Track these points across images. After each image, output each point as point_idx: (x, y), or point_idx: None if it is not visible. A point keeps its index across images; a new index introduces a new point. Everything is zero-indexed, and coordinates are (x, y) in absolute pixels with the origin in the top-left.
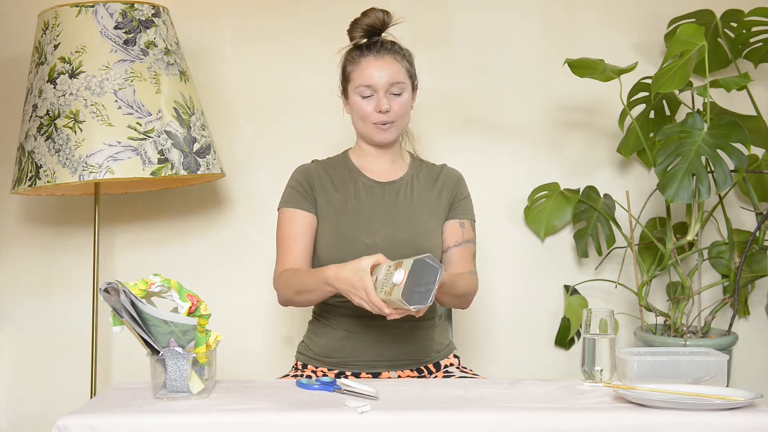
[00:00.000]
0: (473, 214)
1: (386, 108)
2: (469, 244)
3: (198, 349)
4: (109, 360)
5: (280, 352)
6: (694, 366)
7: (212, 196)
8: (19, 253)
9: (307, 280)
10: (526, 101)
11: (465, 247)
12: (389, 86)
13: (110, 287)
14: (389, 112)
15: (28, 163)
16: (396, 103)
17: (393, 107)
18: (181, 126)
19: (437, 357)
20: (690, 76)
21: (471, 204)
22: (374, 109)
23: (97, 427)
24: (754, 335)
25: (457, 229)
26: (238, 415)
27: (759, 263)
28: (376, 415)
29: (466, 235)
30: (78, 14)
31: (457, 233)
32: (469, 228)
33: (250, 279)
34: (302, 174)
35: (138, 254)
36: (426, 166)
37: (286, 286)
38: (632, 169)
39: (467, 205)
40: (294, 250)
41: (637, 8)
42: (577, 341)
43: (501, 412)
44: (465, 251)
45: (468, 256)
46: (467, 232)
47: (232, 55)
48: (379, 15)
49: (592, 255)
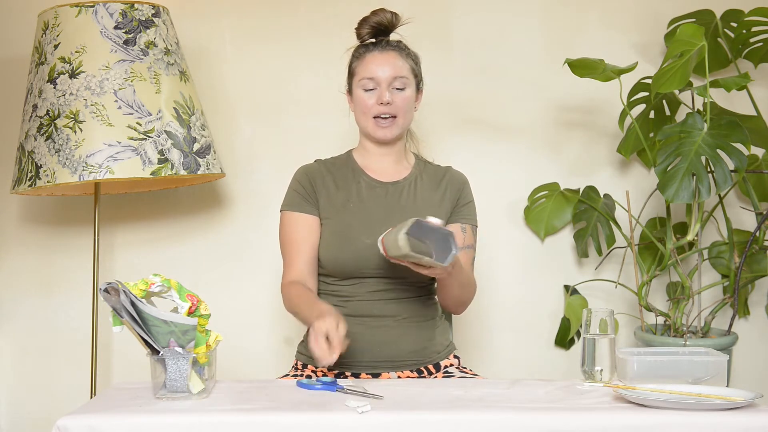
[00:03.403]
0: (476, 219)
1: (387, 100)
2: (469, 249)
3: (198, 349)
4: (109, 360)
5: (280, 352)
6: (694, 366)
7: (212, 196)
8: (19, 253)
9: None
10: (526, 101)
11: (465, 252)
12: (392, 80)
13: (110, 287)
14: (390, 105)
15: (28, 163)
16: (398, 98)
17: (395, 101)
18: (181, 126)
19: (437, 357)
20: (690, 76)
21: (474, 209)
22: (376, 102)
23: (97, 427)
24: (754, 335)
25: (459, 234)
26: (238, 415)
27: (759, 263)
28: (376, 415)
29: (467, 241)
30: (78, 14)
31: (458, 237)
32: (471, 233)
33: (250, 279)
34: (304, 174)
35: (138, 254)
36: (430, 167)
37: (289, 302)
38: (632, 169)
39: (470, 209)
40: (299, 260)
41: (637, 8)
42: (577, 341)
43: (501, 412)
44: (465, 256)
45: (468, 261)
46: (468, 238)
47: (232, 55)
48: (387, 15)
49: (592, 255)
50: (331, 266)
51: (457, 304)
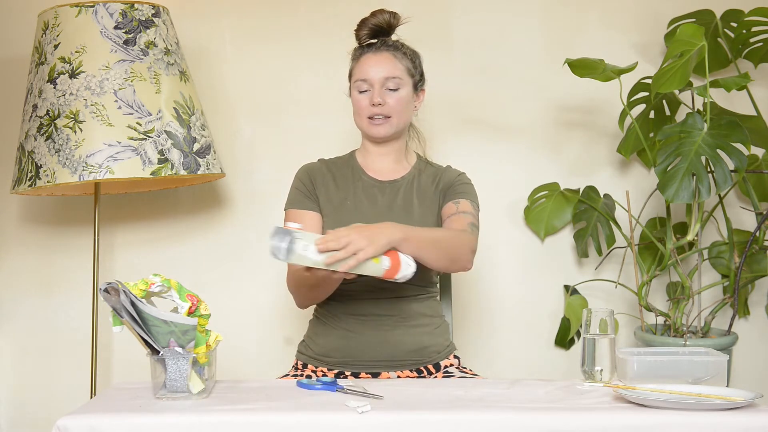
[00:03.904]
0: (474, 197)
1: (378, 101)
2: (464, 214)
3: (198, 349)
4: (109, 360)
5: (280, 352)
6: (694, 366)
7: (212, 196)
8: (19, 253)
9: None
10: (526, 101)
11: (458, 216)
12: (384, 81)
13: (110, 287)
14: (383, 106)
15: (28, 163)
16: (391, 99)
17: (387, 102)
18: (181, 126)
19: (437, 357)
20: (690, 76)
21: (472, 191)
22: (369, 103)
23: (97, 427)
24: (754, 335)
25: (451, 207)
26: (238, 415)
27: (759, 263)
28: (376, 415)
29: (461, 208)
30: (78, 14)
31: (451, 209)
32: (466, 203)
33: (250, 279)
34: (305, 173)
35: (138, 254)
36: (431, 167)
37: (299, 284)
38: (632, 169)
39: (464, 189)
40: None
41: (637, 8)
42: (577, 341)
43: (501, 412)
44: (458, 218)
45: (461, 220)
46: (463, 206)
47: (232, 55)
48: (385, 16)
49: (592, 255)
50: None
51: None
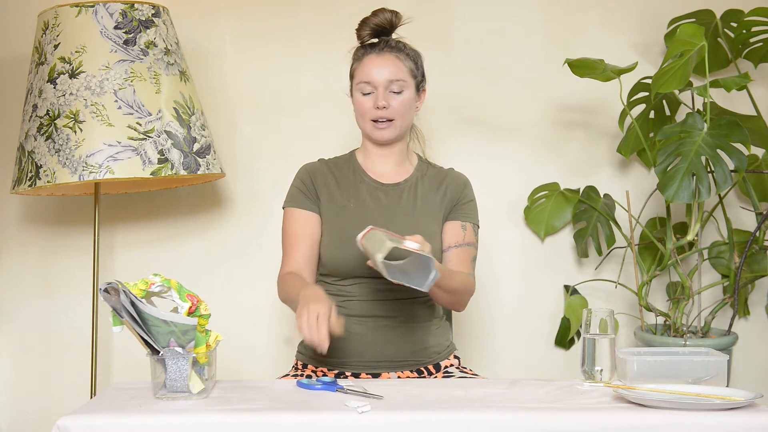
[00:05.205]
0: (477, 219)
1: (383, 104)
2: (469, 247)
3: (198, 349)
4: (109, 360)
5: (280, 352)
6: (694, 366)
7: (212, 196)
8: (19, 253)
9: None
10: (526, 101)
11: (465, 249)
12: (388, 83)
13: (110, 287)
14: (387, 109)
15: (28, 163)
16: (395, 101)
17: (391, 104)
18: (181, 126)
19: (437, 358)
20: (690, 76)
21: (475, 209)
22: (372, 106)
23: (97, 427)
24: (754, 335)
25: (459, 231)
26: (238, 415)
27: (759, 263)
28: (376, 415)
29: (468, 238)
30: (78, 14)
31: (458, 234)
32: (471, 232)
33: (250, 279)
34: (306, 172)
35: (138, 254)
36: (433, 169)
37: (283, 289)
38: (632, 169)
39: (471, 208)
40: (296, 253)
41: (637, 8)
42: (577, 341)
43: (501, 412)
44: (464, 253)
45: (467, 259)
46: (469, 235)
47: (232, 55)
48: (387, 15)
49: (592, 255)
50: (332, 265)
51: (452, 305)
